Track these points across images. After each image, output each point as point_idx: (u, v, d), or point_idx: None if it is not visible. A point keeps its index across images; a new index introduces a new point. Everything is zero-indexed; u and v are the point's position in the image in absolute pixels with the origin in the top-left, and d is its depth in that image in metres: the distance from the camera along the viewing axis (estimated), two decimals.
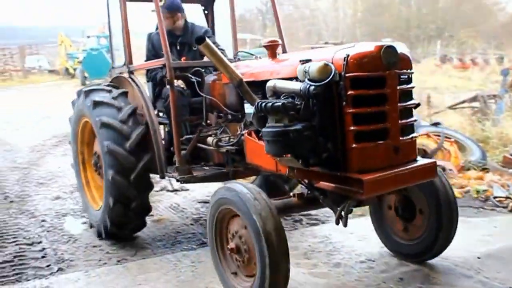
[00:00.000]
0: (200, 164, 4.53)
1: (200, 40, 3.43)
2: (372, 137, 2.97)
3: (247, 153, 3.84)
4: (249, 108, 3.64)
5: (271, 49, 3.73)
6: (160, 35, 4.21)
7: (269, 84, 3.22)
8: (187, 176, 4.22)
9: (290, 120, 2.93)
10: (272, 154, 3.08)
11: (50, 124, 12.81)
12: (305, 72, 2.93)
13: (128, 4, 4.71)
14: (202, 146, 4.34)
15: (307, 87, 2.88)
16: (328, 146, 2.99)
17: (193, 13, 5.46)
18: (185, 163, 4.23)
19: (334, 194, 3.19)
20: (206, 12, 5.58)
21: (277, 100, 2.99)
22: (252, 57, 4.24)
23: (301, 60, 3.02)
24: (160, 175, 4.42)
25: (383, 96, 2.99)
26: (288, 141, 2.90)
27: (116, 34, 4.97)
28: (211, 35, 5.21)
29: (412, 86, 3.21)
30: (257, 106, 3.05)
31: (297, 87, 2.97)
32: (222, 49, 5.03)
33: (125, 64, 4.80)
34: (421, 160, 3.22)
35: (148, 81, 4.99)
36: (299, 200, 3.49)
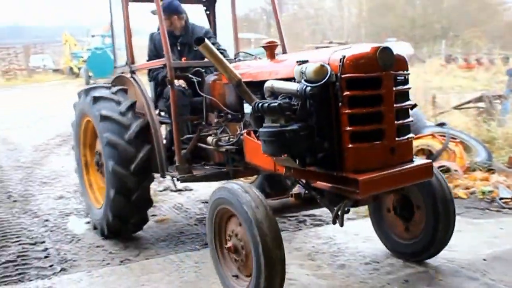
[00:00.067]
0: (201, 164, 4.56)
1: (200, 41, 3.45)
2: (368, 138, 2.99)
3: (246, 153, 3.86)
4: (249, 108, 3.66)
5: (270, 50, 3.78)
6: (161, 35, 4.25)
7: (267, 85, 3.25)
8: (187, 175, 4.25)
9: (287, 120, 2.96)
10: (269, 154, 3.12)
11: (54, 123, 12.80)
12: (302, 73, 2.96)
13: (131, 4, 4.74)
14: (203, 146, 4.37)
15: (304, 88, 2.90)
16: (325, 146, 3.02)
17: (195, 14, 5.50)
18: (185, 162, 4.26)
19: (331, 194, 3.21)
20: (208, 13, 5.61)
21: (274, 101, 3.03)
22: (252, 58, 4.28)
23: (298, 61, 3.05)
24: (161, 174, 4.45)
25: (379, 97, 3.00)
26: (285, 141, 2.92)
27: (119, 34, 5.02)
28: (212, 36, 5.24)
29: (409, 87, 3.22)
30: (254, 106, 3.09)
31: (294, 88, 3.00)
32: (223, 50, 5.08)
33: (127, 64, 4.85)
34: (418, 161, 3.24)
35: (150, 81, 5.04)
36: (297, 200, 3.52)
